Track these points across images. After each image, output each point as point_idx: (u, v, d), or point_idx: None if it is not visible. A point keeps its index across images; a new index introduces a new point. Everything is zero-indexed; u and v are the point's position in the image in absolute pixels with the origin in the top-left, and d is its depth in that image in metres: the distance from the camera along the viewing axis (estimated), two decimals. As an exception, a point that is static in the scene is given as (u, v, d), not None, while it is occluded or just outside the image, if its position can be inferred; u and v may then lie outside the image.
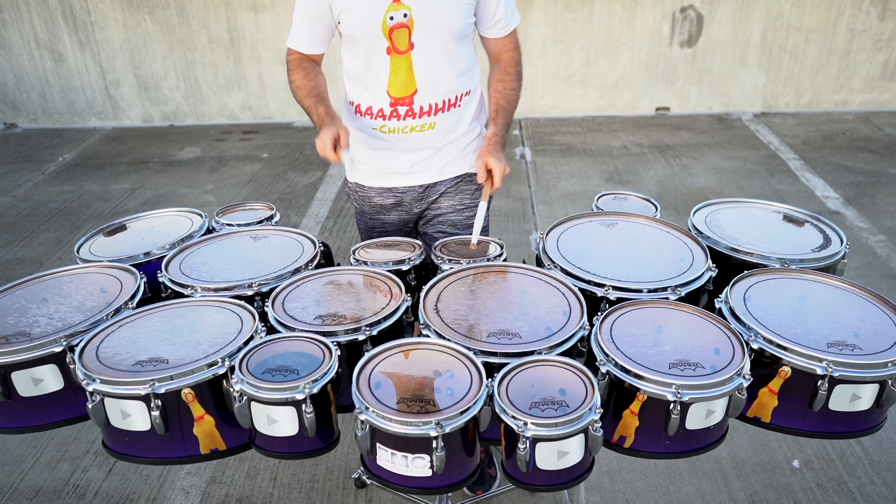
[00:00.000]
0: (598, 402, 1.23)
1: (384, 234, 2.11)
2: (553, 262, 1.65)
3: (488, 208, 1.83)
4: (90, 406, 1.29)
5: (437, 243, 1.81)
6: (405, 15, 1.72)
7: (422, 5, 1.73)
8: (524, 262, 1.69)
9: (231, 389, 1.29)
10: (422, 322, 1.46)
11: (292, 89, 1.93)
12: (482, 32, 1.93)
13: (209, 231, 1.93)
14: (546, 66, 6.03)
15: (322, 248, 1.77)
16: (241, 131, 6.02)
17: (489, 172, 1.80)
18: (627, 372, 1.29)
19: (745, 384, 1.28)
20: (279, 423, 1.29)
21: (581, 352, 1.42)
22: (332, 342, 1.37)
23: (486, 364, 1.32)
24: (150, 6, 5.78)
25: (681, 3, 5.77)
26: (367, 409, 1.22)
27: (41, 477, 2.49)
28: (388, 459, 1.24)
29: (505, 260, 1.73)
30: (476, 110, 2.00)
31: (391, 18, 1.72)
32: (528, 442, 1.19)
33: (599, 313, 1.47)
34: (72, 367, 1.36)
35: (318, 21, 1.85)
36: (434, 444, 1.19)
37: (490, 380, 1.27)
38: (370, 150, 1.98)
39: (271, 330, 1.46)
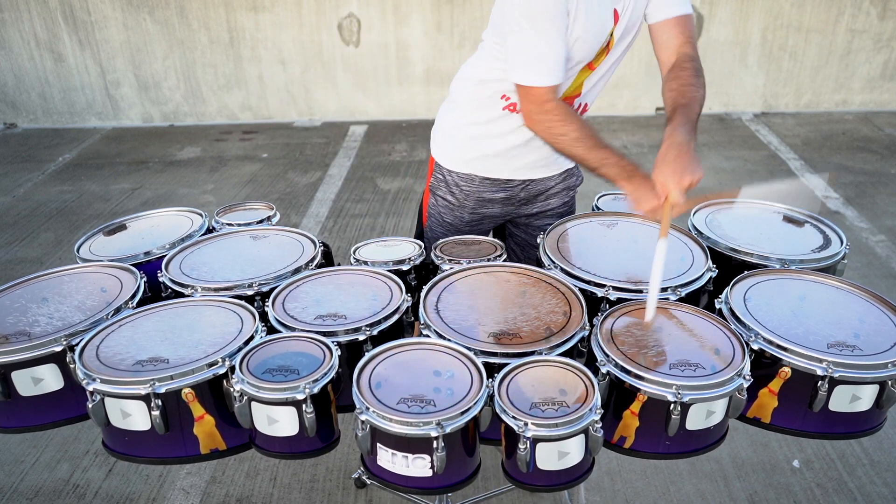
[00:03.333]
0: (599, 403, 1.23)
1: (477, 228, 2.03)
2: (553, 262, 1.65)
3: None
4: (90, 406, 1.29)
5: (437, 243, 1.81)
6: (612, 35, 1.66)
7: (625, 23, 1.66)
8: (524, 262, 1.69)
9: (231, 389, 1.29)
10: (422, 322, 1.46)
11: (565, 143, 1.62)
12: (651, 19, 1.72)
13: (209, 231, 1.93)
14: (546, 66, 6.02)
15: (322, 248, 1.77)
16: (241, 131, 6.02)
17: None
18: (628, 372, 1.29)
19: (746, 385, 1.28)
20: (279, 423, 1.29)
21: (581, 352, 1.42)
22: (333, 342, 1.37)
23: (486, 364, 1.32)
24: (150, 6, 5.78)
25: (681, 3, 5.77)
26: (367, 409, 1.22)
27: (41, 477, 2.49)
28: (389, 459, 1.24)
29: (505, 260, 1.73)
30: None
31: (612, 35, 1.66)
32: (528, 442, 1.19)
33: (600, 314, 1.47)
34: (72, 366, 1.36)
35: (564, 45, 1.60)
36: (434, 445, 1.19)
37: (490, 380, 1.27)
38: (502, 146, 1.88)
39: (271, 330, 1.46)
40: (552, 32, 1.55)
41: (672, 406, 1.25)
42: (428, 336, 1.42)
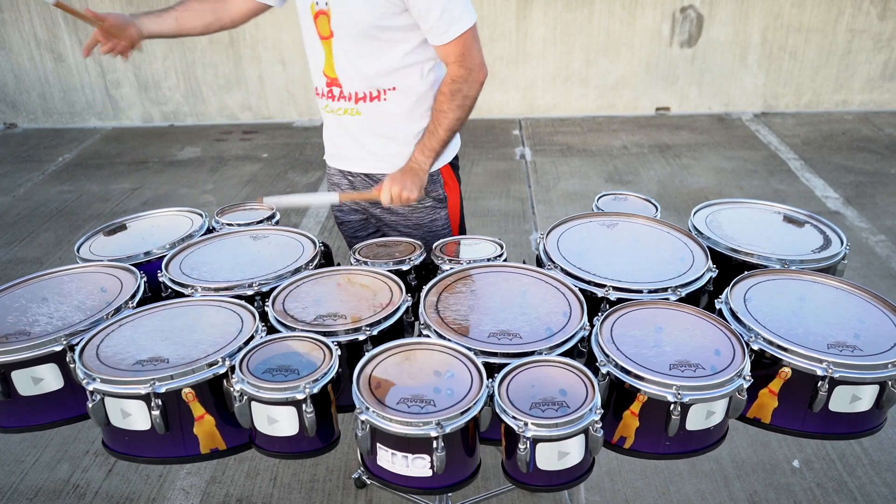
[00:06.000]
0: (599, 403, 1.23)
1: (363, 229, 2.13)
2: (553, 262, 1.65)
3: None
4: (90, 405, 1.29)
5: (437, 243, 1.82)
6: (326, 3, 1.75)
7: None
8: (524, 262, 1.69)
9: (231, 389, 1.29)
10: (422, 322, 1.46)
11: None
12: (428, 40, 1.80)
13: (209, 231, 1.93)
14: (546, 66, 6.03)
15: (322, 248, 1.78)
16: (241, 131, 6.02)
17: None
18: (628, 373, 1.29)
19: (746, 385, 1.28)
20: (279, 422, 1.29)
21: (581, 352, 1.42)
22: (333, 342, 1.37)
23: (486, 364, 1.32)
24: (149, 6, 5.78)
25: (681, 3, 5.77)
26: (367, 409, 1.22)
27: (41, 477, 2.49)
28: (389, 459, 1.24)
29: (505, 260, 1.73)
30: (407, 112, 1.88)
31: (316, 3, 1.76)
32: (528, 442, 1.19)
33: (600, 314, 1.47)
34: (72, 366, 1.36)
35: None
36: (434, 445, 1.19)
37: (490, 380, 1.27)
38: (327, 130, 2.05)
39: (272, 330, 1.46)
40: None
41: (672, 406, 1.25)
42: (428, 336, 1.42)
